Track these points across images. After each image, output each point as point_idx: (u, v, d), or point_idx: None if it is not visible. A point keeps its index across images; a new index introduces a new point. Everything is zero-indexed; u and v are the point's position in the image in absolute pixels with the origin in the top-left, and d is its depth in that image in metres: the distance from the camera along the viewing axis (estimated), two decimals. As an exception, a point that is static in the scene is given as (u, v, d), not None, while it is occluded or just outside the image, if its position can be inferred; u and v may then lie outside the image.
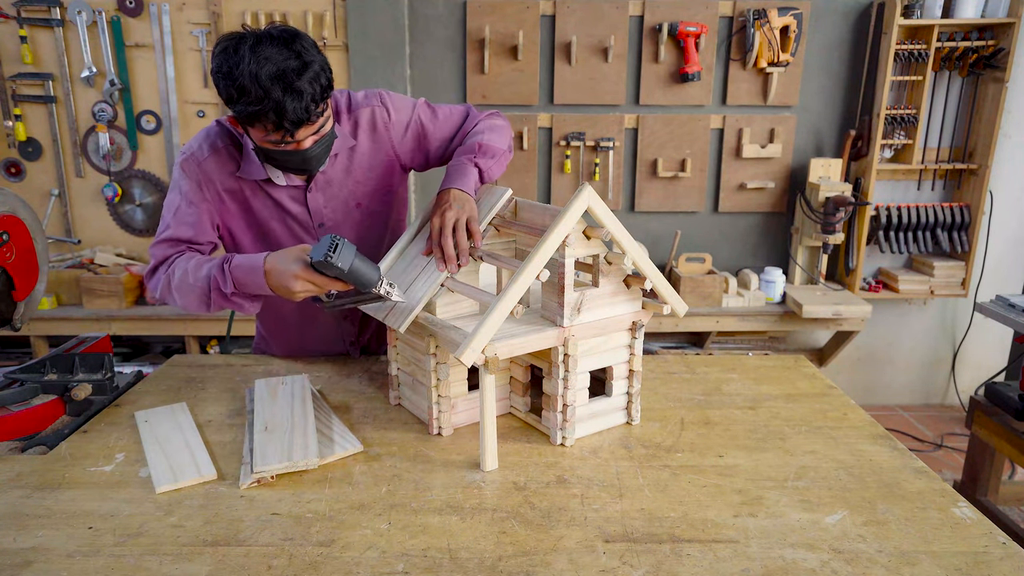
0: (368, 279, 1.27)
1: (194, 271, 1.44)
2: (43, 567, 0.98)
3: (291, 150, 1.38)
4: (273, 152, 1.40)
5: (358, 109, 1.59)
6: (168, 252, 1.51)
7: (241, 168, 1.52)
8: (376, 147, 1.61)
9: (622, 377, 1.39)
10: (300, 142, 1.37)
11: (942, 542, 1.04)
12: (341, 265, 1.23)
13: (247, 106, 1.28)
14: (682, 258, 3.54)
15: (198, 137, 1.54)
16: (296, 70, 1.27)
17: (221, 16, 3.30)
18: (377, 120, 1.60)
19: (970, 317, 3.75)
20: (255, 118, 1.30)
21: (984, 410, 2.34)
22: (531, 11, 3.38)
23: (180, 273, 1.45)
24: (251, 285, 1.39)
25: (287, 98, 1.27)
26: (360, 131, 1.59)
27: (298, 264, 1.31)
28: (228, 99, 1.31)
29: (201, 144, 1.53)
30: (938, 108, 3.50)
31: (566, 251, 1.22)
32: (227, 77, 1.28)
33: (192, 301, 1.46)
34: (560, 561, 1.00)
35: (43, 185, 3.51)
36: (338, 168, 1.58)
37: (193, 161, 1.51)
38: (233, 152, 1.52)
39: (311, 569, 0.98)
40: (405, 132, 1.63)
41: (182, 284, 1.45)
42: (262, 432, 1.30)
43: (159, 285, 1.50)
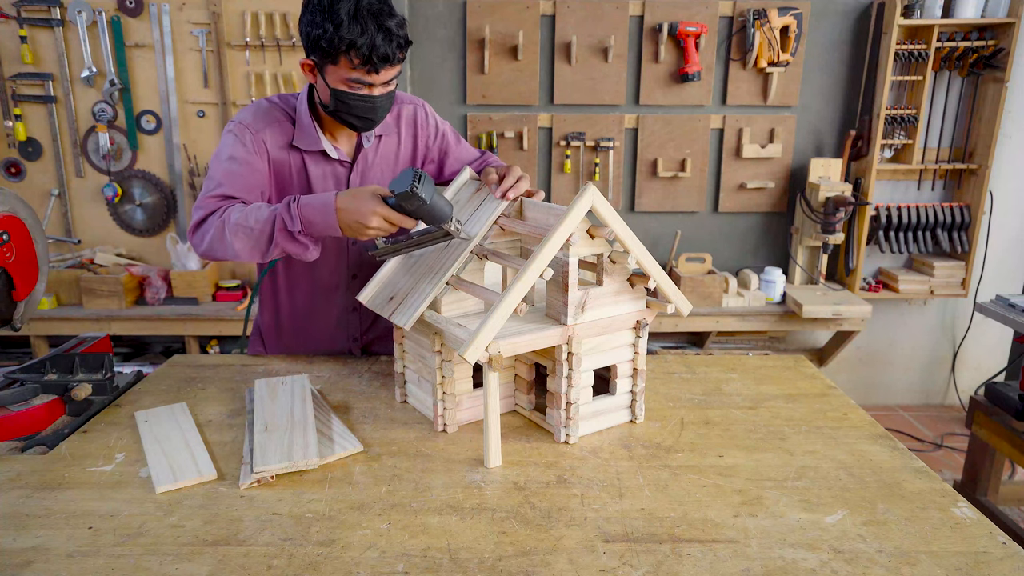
0: (444, 213, 1.28)
1: (255, 212, 1.40)
2: (43, 567, 0.98)
3: (364, 95, 1.45)
4: (345, 95, 1.44)
5: (402, 104, 1.71)
6: (219, 204, 1.48)
7: (295, 138, 1.57)
8: (412, 143, 1.73)
9: (626, 375, 1.39)
10: (373, 87, 1.44)
11: (942, 542, 1.04)
12: (424, 195, 1.23)
13: (343, 34, 1.35)
14: (682, 258, 3.54)
15: (249, 110, 1.58)
16: (388, 12, 1.40)
17: (221, 16, 3.30)
18: (418, 118, 1.72)
19: (970, 317, 3.75)
20: (347, 49, 1.37)
21: (984, 410, 2.34)
22: (531, 11, 3.38)
23: (237, 216, 1.41)
24: (320, 224, 1.37)
25: (379, 35, 1.37)
26: (402, 123, 1.71)
27: (375, 200, 1.32)
28: (321, 32, 1.37)
29: (256, 114, 1.57)
30: (938, 108, 3.50)
31: (570, 250, 1.22)
32: (326, 10, 1.36)
33: (248, 245, 1.40)
34: (560, 561, 1.00)
35: (43, 185, 3.51)
36: (380, 154, 1.67)
37: (249, 129, 1.54)
38: (286, 125, 1.58)
39: (311, 569, 0.98)
40: (435, 137, 1.75)
41: (238, 227, 1.39)
42: (262, 432, 1.30)
43: (209, 233, 1.44)
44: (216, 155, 1.55)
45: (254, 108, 1.58)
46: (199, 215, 1.48)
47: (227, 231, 1.41)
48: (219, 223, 1.43)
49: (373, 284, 1.49)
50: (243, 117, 1.56)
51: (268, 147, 1.56)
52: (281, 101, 1.62)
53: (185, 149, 3.48)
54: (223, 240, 1.42)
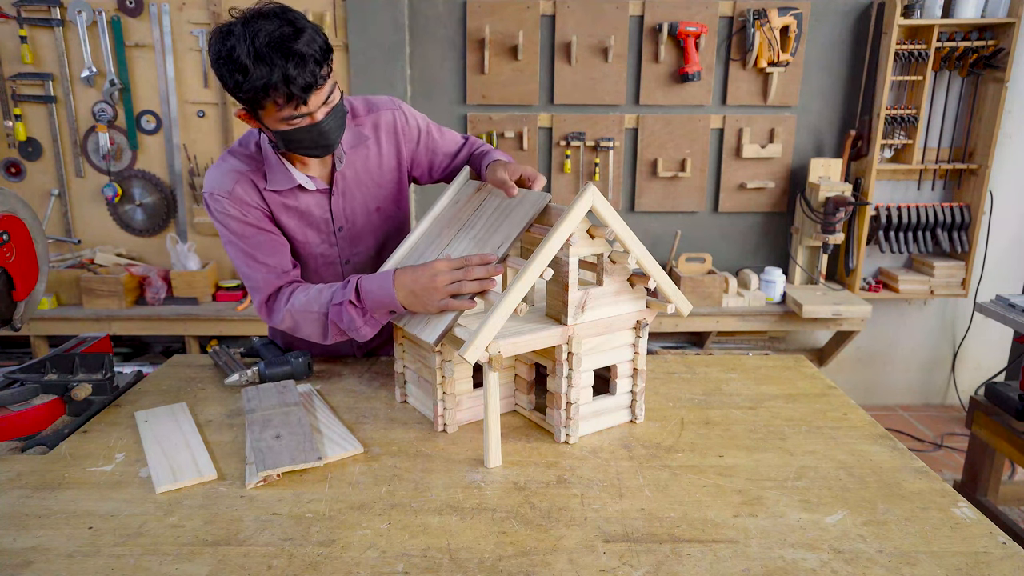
0: None
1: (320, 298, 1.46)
2: (43, 567, 0.98)
3: (306, 126, 1.35)
4: (288, 133, 1.37)
5: (377, 112, 1.61)
6: (266, 282, 1.52)
7: (268, 181, 1.50)
8: (393, 150, 1.64)
9: (626, 375, 1.39)
10: (313, 114, 1.34)
11: (942, 542, 1.04)
12: None
13: (254, 82, 1.26)
14: (682, 258, 3.54)
15: (214, 176, 1.50)
16: (291, 36, 1.27)
17: (221, 16, 3.30)
18: (396, 124, 1.63)
19: (970, 317, 3.75)
20: (264, 93, 1.28)
21: (984, 410, 2.34)
22: (531, 11, 3.38)
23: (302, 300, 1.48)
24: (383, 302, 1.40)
25: (290, 64, 1.26)
26: (381, 133, 1.61)
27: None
28: (234, 85, 1.29)
29: (222, 179, 1.49)
30: (938, 108, 3.50)
31: (570, 250, 1.22)
32: (227, 60, 1.27)
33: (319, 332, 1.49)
34: (560, 561, 1.00)
35: (43, 185, 3.51)
36: (359, 169, 1.59)
37: (223, 198, 1.48)
38: (252, 176, 1.50)
39: (311, 569, 0.98)
40: (418, 139, 1.67)
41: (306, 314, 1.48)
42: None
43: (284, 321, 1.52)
44: (225, 243, 1.53)
45: (217, 171, 1.51)
46: (259, 299, 1.54)
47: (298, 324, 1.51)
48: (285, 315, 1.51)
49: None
50: (211, 185, 1.49)
51: (249, 200, 1.50)
52: (243, 148, 1.53)
53: (185, 149, 3.48)
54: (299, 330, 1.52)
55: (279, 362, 1.60)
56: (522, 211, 1.37)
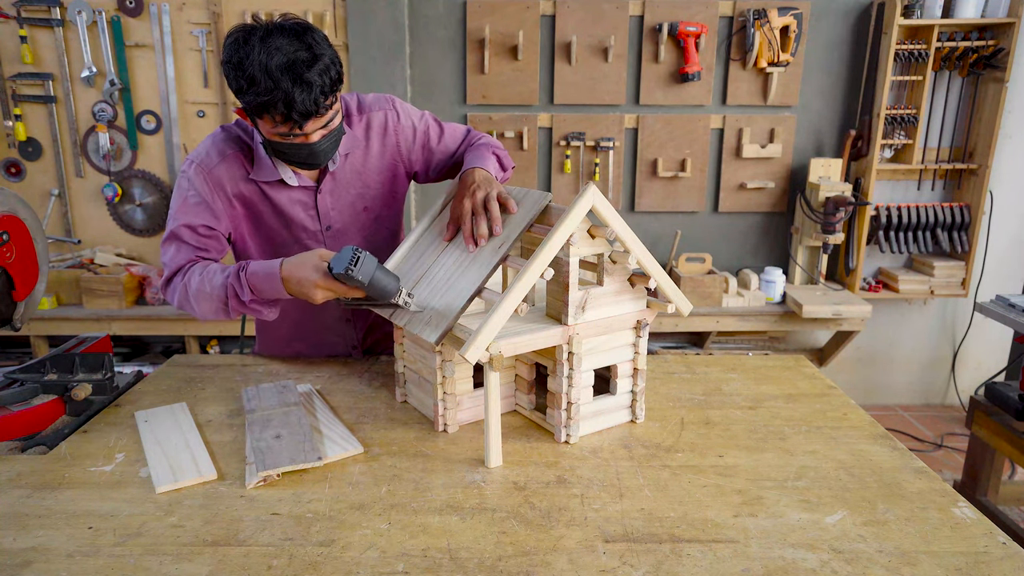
0: (387, 291, 1.29)
1: (210, 280, 1.42)
2: (43, 567, 0.98)
3: (299, 143, 1.37)
4: (280, 145, 1.39)
5: (370, 112, 1.61)
6: (180, 261, 1.49)
7: (253, 171, 1.51)
8: (385, 151, 1.63)
9: (626, 375, 1.39)
10: (308, 135, 1.36)
11: (942, 542, 1.04)
12: (361, 279, 1.24)
13: (256, 96, 1.28)
14: (682, 258, 3.54)
15: (204, 145, 1.53)
16: (306, 62, 1.27)
17: (221, 16, 3.30)
18: (388, 124, 1.62)
19: (970, 317, 3.75)
20: (264, 109, 1.29)
21: (984, 410, 2.34)
22: (531, 11, 3.38)
23: (196, 282, 1.43)
24: (269, 291, 1.38)
25: (296, 89, 1.26)
26: (372, 133, 1.61)
27: (317, 273, 1.30)
28: (238, 90, 1.30)
29: (209, 151, 1.51)
30: (938, 108, 3.50)
31: (571, 250, 1.22)
32: (237, 67, 1.28)
33: (210, 309, 1.44)
34: (560, 561, 1.00)
35: (43, 185, 3.51)
36: (348, 170, 1.59)
37: (203, 168, 1.50)
38: (242, 157, 1.52)
39: (311, 569, 0.98)
40: (413, 138, 1.65)
41: (199, 293, 1.43)
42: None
43: (176, 295, 1.48)
44: (174, 193, 1.53)
45: (210, 143, 1.52)
46: (166, 273, 1.50)
47: (190, 296, 1.45)
48: (182, 287, 1.46)
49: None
50: (199, 154, 1.51)
51: (227, 184, 1.51)
52: (240, 128, 1.55)
53: (185, 149, 3.48)
54: (188, 302, 1.47)
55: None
56: (522, 211, 1.37)
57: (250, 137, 1.53)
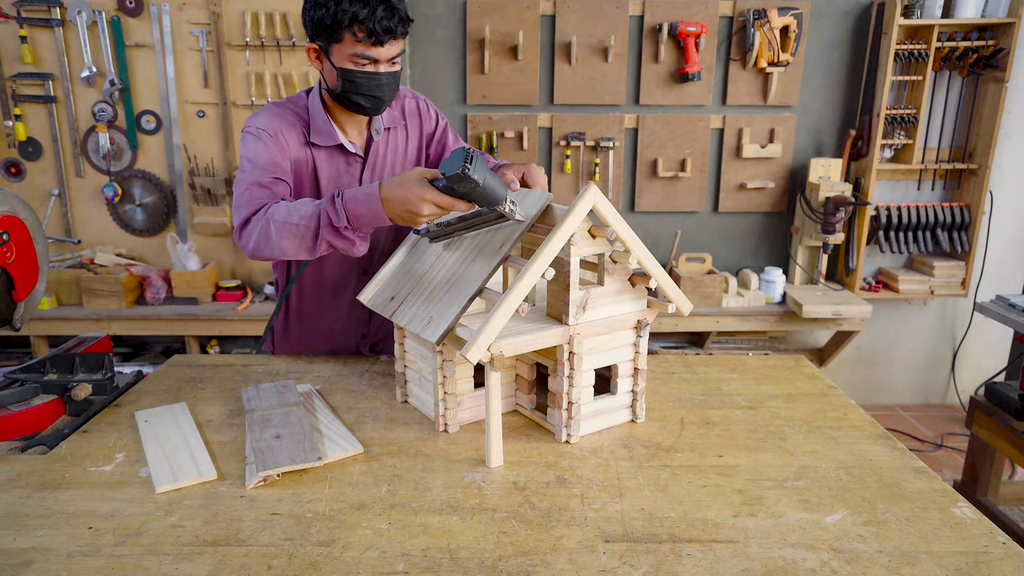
0: (497, 195, 1.21)
1: (298, 210, 1.37)
2: (43, 567, 0.98)
3: (370, 71, 1.47)
4: (352, 73, 1.46)
5: (404, 98, 1.74)
6: (259, 201, 1.45)
7: (311, 135, 1.59)
8: (417, 135, 1.76)
9: (627, 375, 1.39)
10: (378, 63, 1.46)
11: (942, 542, 1.04)
12: (477, 178, 1.15)
13: (347, 8, 1.38)
14: (682, 258, 3.54)
15: (262, 114, 1.58)
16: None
17: (221, 16, 3.30)
18: (420, 110, 1.76)
19: (970, 317, 3.75)
20: (350, 22, 1.39)
21: (984, 410, 2.34)
22: (531, 11, 3.38)
23: (283, 214, 1.38)
24: (367, 216, 1.32)
25: (381, 7, 1.40)
26: (407, 116, 1.74)
27: (422, 186, 1.26)
28: (324, 12, 1.40)
29: (269, 118, 1.57)
30: (938, 108, 3.50)
31: (571, 250, 1.22)
32: None
33: (295, 243, 1.37)
34: (560, 561, 1.00)
35: (43, 185, 3.51)
36: (389, 149, 1.70)
37: (267, 131, 1.55)
38: (299, 125, 1.59)
39: (311, 569, 0.98)
40: (435, 131, 1.79)
41: (285, 225, 1.37)
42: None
43: (255, 233, 1.41)
44: (243, 156, 1.54)
45: (266, 113, 1.58)
46: (242, 215, 1.45)
47: (272, 230, 1.38)
48: (264, 222, 1.40)
49: (374, 284, 1.49)
50: (258, 122, 1.56)
51: (289, 146, 1.57)
52: (290, 103, 1.62)
53: (185, 149, 3.48)
54: (269, 240, 1.40)
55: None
56: (523, 211, 1.37)
57: (303, 108, 1.61)
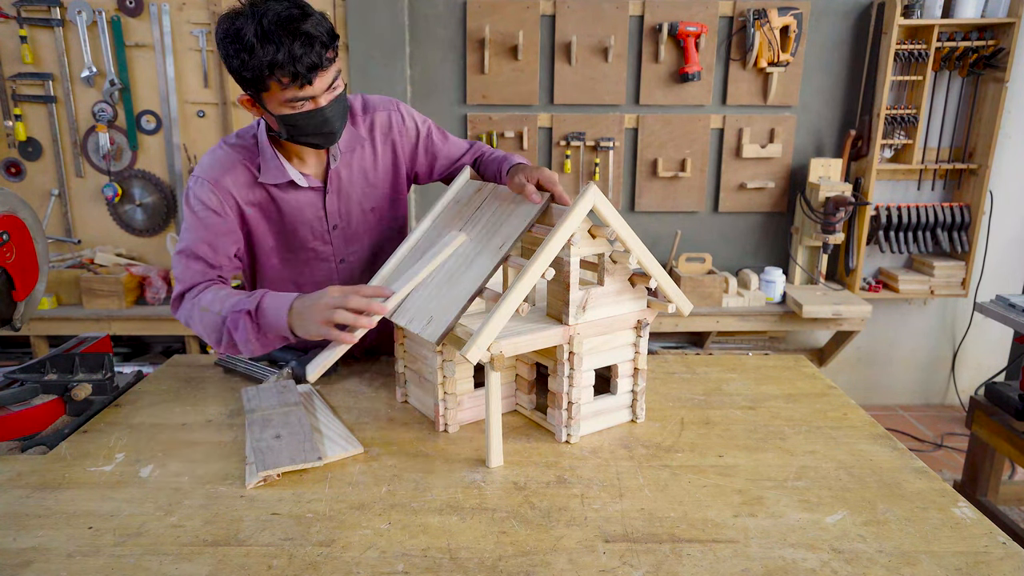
0: None
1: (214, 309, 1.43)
2: (43, 567, 0.98)
3: (310, 111, 1.36)
4: (292, 118, 1.37)
5: (374, 112, 1.62)
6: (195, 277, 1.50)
7: (261, 174, 1.50)
8: (389, 150, 1.64)
9: (627, 375, 1.39)
10: (317, 98, 1.35)
11: (942, 542, 1.04)
12: None
13: (260, 59, 1.27)
14: (682, 258, 3.54)
15: (207, 159, 1.52)
16: (298, 17, 1.29)
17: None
18: (393, 124, 1.63)
19: (970, 317, 3.75)
20: (270, 71, 1.29)
21: (984, 410, 2.34)
22: (531, 11, 3.38)
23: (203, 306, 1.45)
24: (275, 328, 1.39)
25: (296, 43, 1.27)
26: (376, 133, 1.61)
27: None
28: (240, 64, 1.30)
29: (212, 164, 1.50)
30: (938, 108, 3.50)
31: (571, 250, 1.22)
32: (234, 39, 1.29)
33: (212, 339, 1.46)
34: (560, 561, 1.00)
35: (43, 185, 3.51)
36: (354, 169, 1.59)
37: (209, 182, 1.48)
38: (247, 164, 1.51)
39: (311, 569, 0.98)
40: (416, 141, 1.67)
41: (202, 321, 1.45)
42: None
43: (183, 314, 1.51)
44: (184, 210, 1.52)
45: (211, 157, 1.52)
46: (177, 289, 1.52)
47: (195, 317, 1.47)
48: (189, 307, 1.48)
49: (374, 283, 1.48)
50: (201, 170, 1.50)
51: (234, 194, 1.50)
52: (240, 139, 1.54)
53: (185, 149, 3.48)
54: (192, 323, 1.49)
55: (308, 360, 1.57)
56: (523, 211, 1.37)
57: (253, 143, 1.53)
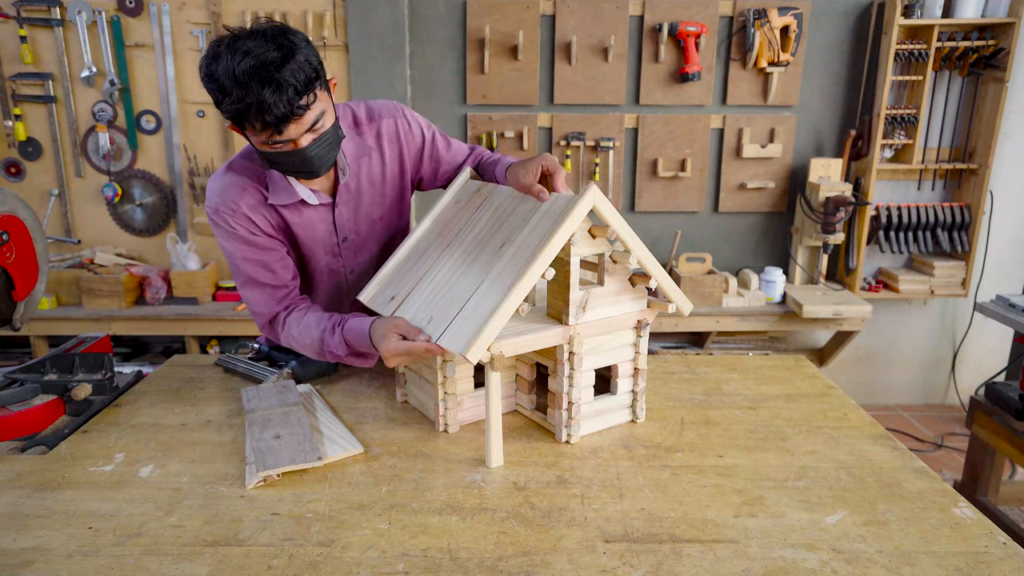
0: None
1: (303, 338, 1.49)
2: (43, 567, 0.98)
3: (288, 151, 1.32)
4: (271, 155, 1.34)
5: (380, 120, 1.58)
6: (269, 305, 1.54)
7: (270, 195, 1.48)
8: (396, 158, 1.61)
9: (627, 375, 1.39)
10: (296, 140, 1.30)
11: (942, 542, 1.04)
12: None
13: (231, 105, 1.23)
14: (682, 258, 3.54)
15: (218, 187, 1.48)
16: (275, 62, 1.21)
17: (221, 16, 3.30)
18: (400, 131, 1.60)
19: (970, 317, 3.75)
20: (241, 117, 1.25)
21: (984, 410, 2.34)
22: (531, 11, 3.38)
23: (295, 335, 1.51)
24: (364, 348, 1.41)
25: (267, 91, 1.20)
26: (384, 141, 1.58)
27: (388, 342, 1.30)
28: (216, 102, 1.27)
29: (224, 192, 1.46)
30: (938, 108, 3.50)
31: (572, 250, 1.22)
32: (210, 79, 1.25)
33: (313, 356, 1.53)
34: (560, 561, 1.00)
35: (43, 185, 3.51)
36: (364, 180, 1.57)
37: (230, 212, 1.46)
38: (257, 186, 1.48)
39: (311, 569, 0.98)
40: (423, 146, 1.64)
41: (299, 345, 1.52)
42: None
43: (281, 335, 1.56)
44: (229, 261, 1.53)
45: (219, 184, 1.47)
46: (262, 320, 1.56)
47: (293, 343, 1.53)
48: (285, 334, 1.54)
49: (374, 284, 1.49)
50: (218, 200, 1.46)
51: (253, 217, 1.47)
52: (245, 159, 1.50)
53: (185, 149, 3.48)
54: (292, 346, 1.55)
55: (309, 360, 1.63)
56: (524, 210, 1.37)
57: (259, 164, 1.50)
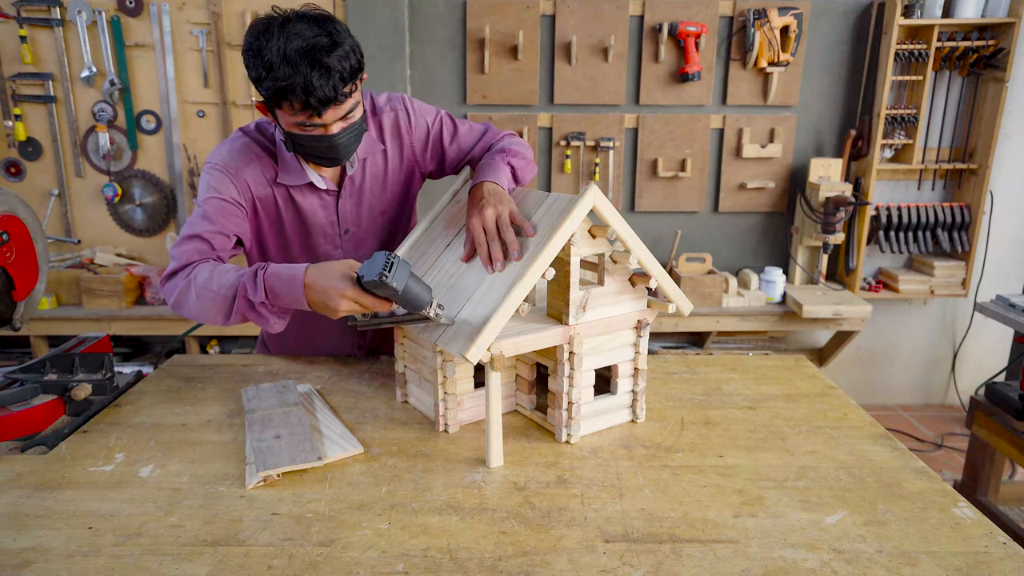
0: (420, 301, 1.18)
1: (219, 276, 1.34)
2: (43, 567, 0.98)
3: (318, 135, 1.34)
4: (299, 137, 1.36)
5: (382, 113, 1.58)
6: (192, 256, 1.42)
7: (279, 175, 1.48)
8: (399, 152, 1.61)
9: (627, 375, 1.39)
10: (327, 126, 1.33)
11: (942, 542, 1.04)
12: (396, 285, 1.12)
13: (275, 82, 1.25)
14: (682, 258, 3.54)
15: (226, 147, 1.49)
16: (325, 47, 1.25)
17: (221, 16, 3.30)
18: (400, 125, 1.60)
19: (970, 317, 3.75)
20: (282, 95, 1.27)
21: (984, 410, 2.34)
22: (531, 11, 3.38)
23: (204, 277, 1.35)
24: (286, 297, 1.29)
25: (315, 74, 1.24)
26: (386, 135, 1.59)
27: (345, 281, 1.21)
28: (256, 78, 1.29)
29: (232, 154, 1.47)
30: (938, 108, 3.51)
31: (572, 250, 1.22)
32: (256, 55, 1.27)
33: (210, 309, 1.35)
34: (560, 561, 1.00)
35: (43, 185, 3.51)
36: (368, 174, 1.58)
37: (229, 171, 1.46)
38: (266, 161, 1.49)
39: (311, 569, 0.98)
40: (426, 138, 1.62)
41: (204, 290, 1.34)
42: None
43: (176, 289, 1.39)
44: (198, 196, 1.48)
45: (230, 146, 1.49)
46: (172, 266, 1.42)
47: (192, 290, 1.36)
48: (185, 282, 1.38)
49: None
50: (220, 158, 1.47)
51: (251, 187, 1.48)
52: (259, 132, 1.52)
53: (185, 149, 3.48)
54: (187, 300, 1.37)
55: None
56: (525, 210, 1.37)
57: (271, 141, 1.51)
